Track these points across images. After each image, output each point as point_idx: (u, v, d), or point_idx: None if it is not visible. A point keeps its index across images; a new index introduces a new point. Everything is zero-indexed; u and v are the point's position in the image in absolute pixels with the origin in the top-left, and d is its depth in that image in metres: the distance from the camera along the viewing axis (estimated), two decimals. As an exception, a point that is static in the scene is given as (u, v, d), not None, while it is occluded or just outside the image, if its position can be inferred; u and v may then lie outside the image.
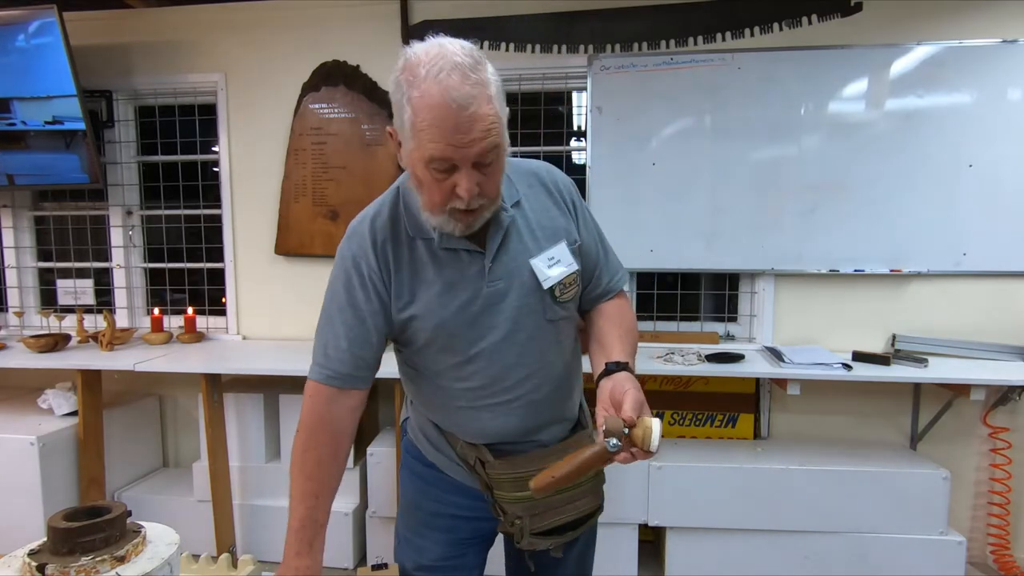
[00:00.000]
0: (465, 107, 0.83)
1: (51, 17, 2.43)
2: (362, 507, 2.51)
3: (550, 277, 1.03)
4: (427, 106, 0.84)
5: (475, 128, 0.85)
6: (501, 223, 1.01)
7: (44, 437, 2.32)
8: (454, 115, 0.83)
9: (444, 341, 1.03)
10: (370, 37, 2.67)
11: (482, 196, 0.91)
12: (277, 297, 2.85)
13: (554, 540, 1.07)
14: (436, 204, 0.92)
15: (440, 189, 0.90)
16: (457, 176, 0.88)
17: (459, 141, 0.85)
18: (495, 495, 1.07)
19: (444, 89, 0.83)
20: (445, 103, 0.83)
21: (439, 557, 1.17)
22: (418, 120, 0.85)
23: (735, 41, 2.46)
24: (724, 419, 2.60)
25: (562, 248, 1.05)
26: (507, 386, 1.05)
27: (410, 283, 1.02)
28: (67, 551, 0.76)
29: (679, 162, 2.51)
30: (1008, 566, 2.40)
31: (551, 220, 1.08)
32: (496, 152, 0.89)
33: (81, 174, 2.68)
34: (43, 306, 3.08)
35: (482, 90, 0.85)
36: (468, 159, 0.87)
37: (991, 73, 2.32)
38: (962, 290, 2.47)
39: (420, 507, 1.19)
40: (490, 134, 0.86)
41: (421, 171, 0.90)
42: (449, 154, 0.86)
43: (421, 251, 1.02)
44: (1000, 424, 2.39)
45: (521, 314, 1.03)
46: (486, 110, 0.85)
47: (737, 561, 2.26)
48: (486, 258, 1.01)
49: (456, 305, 1.01)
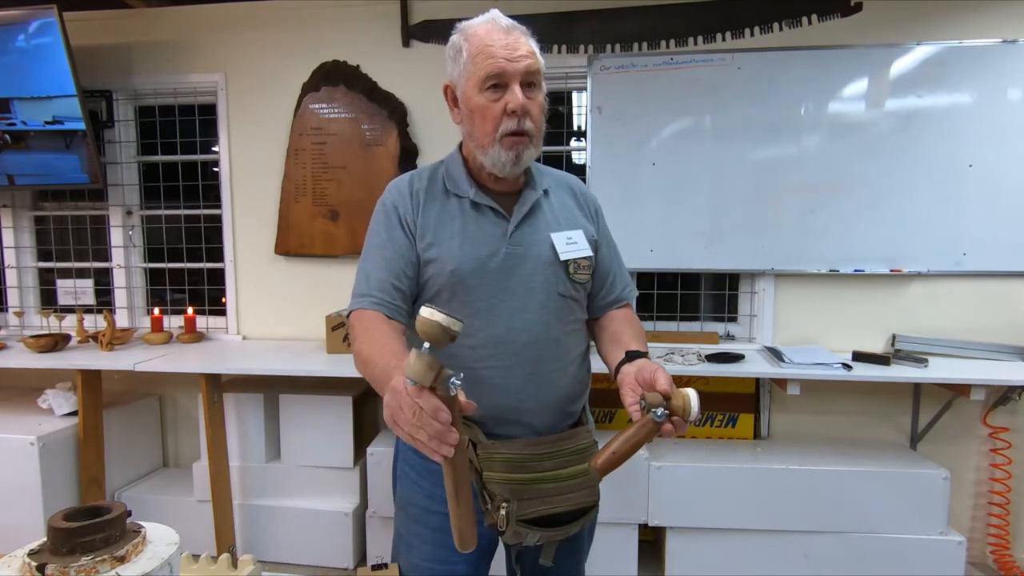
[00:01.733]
0: (510, 32, 1.05)
1: (51, 17, 2.43)
2: (362, 507, 2.51)
3: (567, 251, 1.13)
4: (480, 35, 1.05)
5: (520, 47, 1.04)
6: (528, 197, 1.14)
7: (44, 437, 2.32)
8: (503, 35, 1.04)
9: (457, 289, 1.08)
10: (370, 37, 2.67)
11: (528, 118, 1.05)
12: (277, 297, 2.85)
13: (542, 533, 1.03)
14: (488, 132, 1.06)
15: (493, 112, 1.04)
16: (508, 94, 1.04)
17: (509, 55, 1.03)
18: (484, 478, 1.04)
19: (494, 21, 1.07)
20: (495, 27, 1.05)
21: (429, 556, 1.15)
22: (473, 48, 1.04)
23: (735, 41, 2.46)
24: (724, 419, 2.60)
25: (580, 234, 1.16)
26: (512, 349, 1.09)
27: (435, 228, 1.11)
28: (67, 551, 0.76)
29: (679, 162, 2.51)
30: (1008, 566, 2.40)
31: (572, 214, 1.20)
32: (539, 78, 1.07)
33: (81, 174, 2.68)
34: (43, 306, 3.08)
35: (523, 32, 1.07)
36: (518, 73, 1.03)
37: (991, 73, 2.32)
38: (962, 290, 2.47)
39: (411, 502, 1.18)
40: (533, 56, 1.06)
41: (477, 97, 1.05)
42: (502, 67, 1.03)
43: (454, 207, 1.13)
44: (1000, 424, 2.39)
45: (535, 282, 1.10)
46: (526, 41, 1.06)
47: (737, 561, 2.26)
48: (511, 222, 1.11)
49: (475, 256, 1.09)
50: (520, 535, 1.03)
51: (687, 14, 2.48)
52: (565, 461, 1.07)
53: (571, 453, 1.08)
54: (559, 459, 1.07)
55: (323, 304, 2.66)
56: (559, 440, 1.09)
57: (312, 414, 2.49)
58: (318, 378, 2.46)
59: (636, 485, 2.25)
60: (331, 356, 2.46)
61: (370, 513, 2.43)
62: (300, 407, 2.50)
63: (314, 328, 2.72)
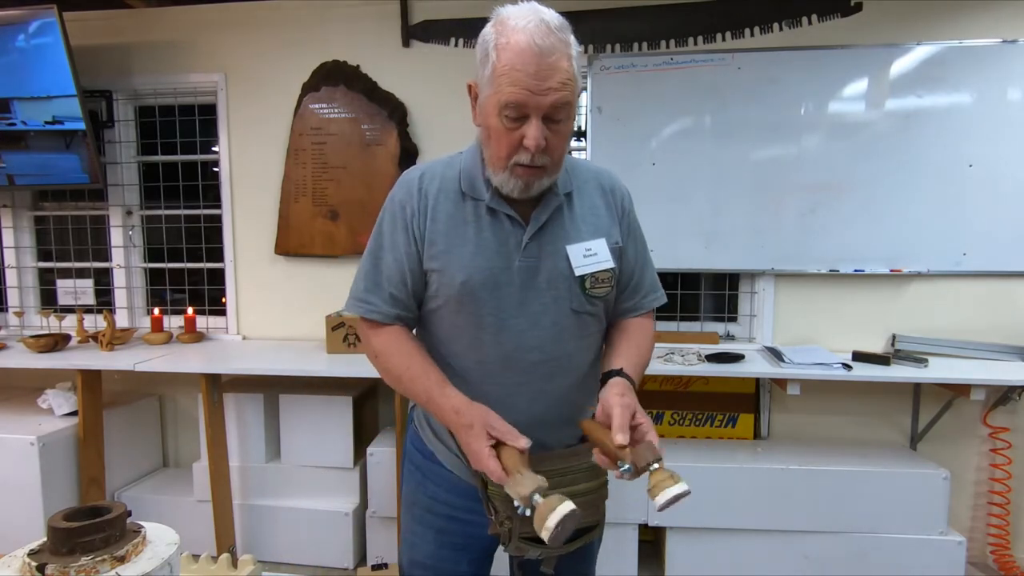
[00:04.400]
0: (547, 54, 0.89)
1: (51, 17, 2.43)
2: (362, 507, 2.51)
3: (583, 265, 1.05)
4: (511, 50, 0.90)
5: (553, 77, 0.90)
6: (548, 204, 1.04)
7: (44, 437, 2.32)
8: (535, 60, 0.89)
9: (466, 301, 1.03)
10: (370, 37, 2.67)
11: (546, 154, 0.95)
12: (277, 297, 2.85)
13: (544, 550, 1.01)
14: (501, 157, 0.96)
15: (508, 139, 0.94)
16: (527, 127, 0.92)
17: (536, 87, 0.89)
18: (489, 490, 1.03)
19: (530, 35, 0.89)
20: (529, 47, 0.88)
21: (431, 555, 1.15)
22: (500, 64, 0.90)
23: (735, 41, 2.46)
24: (724, 419, 2.60)
25: (601, 244, 1.07)
26: (521, 367, 1.04)
27: (447, 233, 1.03)
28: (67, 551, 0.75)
29: (679, 162, 2.51)
30: (1008, 566, 2.40)
31: (597, 218, 1.10)
32: (567, 111, 0.94)
33: (81, 174, 2.68)
34: (43, 306, 3.08)
35: (565, 47, 0.91)
36: (541, 108, 0.91)
37: (991, 73, 2.32)
38: (962, 290, 2.47)
39: (416, 502, 1.18)
40: (565, 87, 0.91)
41: (494, 119, 0.94)
42: (524, 99, 0.90)
43: (468, 210, 1.04)
44: (1000, 424, 2.39)
45: (548, 297, 1.04)
46: (565, 65, 0.91)
47: (737, 561, 2.26)
48: (526, 232, 1.03)
49: (487, 268, 1.02)
50: (522, 550, 1.01)
51: (687, 14, 2.48)
52: (572, 479, 1.03)
53: (579, 471, 1.04)
54: (566, 476, 1.03)
55: (323, 304, 2.66)
56: (568, 456, 1.05)
57: (312, 414, 2.49)
58: (318, 378, 2.46)
59: (636, 485, 2.24)
60: (331, 356, 2.46)
61: (370, 513, 2.43)
62: (300, 407, 2.50)
63: (314, 328, 2.72)
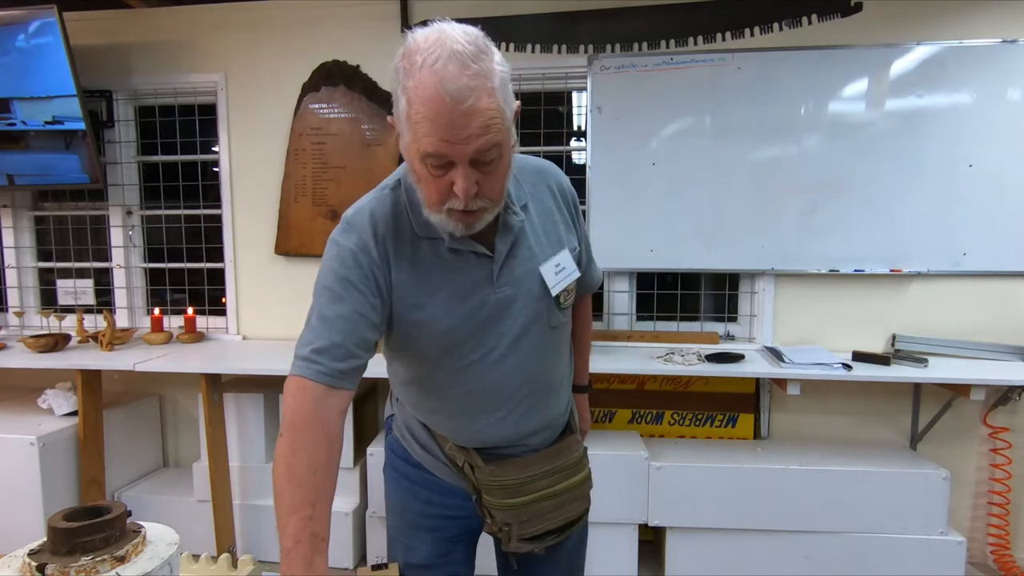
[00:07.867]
0: (461, 100, 0.77)
1: (51, 17, 2.43)
2: (362, 507, 2.51)
3: (557, 283, 1.01)
4: (421, 98, 0.78)
5: (472, 123, 0.78)
6: (512, 227, 0.97)
7: (44, 437, 2.32)
8: (448, 109, 0.77)
9: (448, 346, 0.99)
10: (370, 37, 2.67)
11: (482, 197, 0.85)
12: (277, 297, 2.85)
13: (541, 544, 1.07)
14: (434, 202, 0.87)
15: (437, 186, 0.84)
16: (454, 173, 0.82)
17: (454, 137, 0.78)
18: (484, 499, 1.06)
19: (439, 80, 0.76)
20: (439, 96, 0.76)
21: (428, 556, 1.15)
22: (412, 112, 0.79)
23: (735, 41, 2.46)
24: (724, 419, 2.60)
25: (566, 255, 1.04)
26: (504, 394, 1.03)
27: (416, 284, 0.96)
28: (67, 551, 0.76)
29: (679, 162, 2.51)
30: (1008, 566, 2.40)
31: (554, 225, 1.05)
32: (497, 150, 0.83)
33: (81, 174, 2.68)
34: (43, 306, 3.08)
35: (482, 82, 0.78)
36: (464, 156, 0.80)
37: (991, 73, 2.32)
38: (962, 290, 2.47)
39: (408, 508, 1.17)
40: (489, 131, 0.80)
41: (418, 166, 0.85)
42: (444, 150, 0.80)
43: (426, 251, 0.96)
44: (1000, 424, 2.39)
45: (527, 321, 1.01)
46: (485, 104, 0.79)
47: (737, 561, 2.26)
48: (495, 263, 0.97)
49: (464, 311, 0.97)
50: (522, 547, 1.06)
51: (687, 14, 2.48)
52: (560, 477, 1.08)
53: (564, 468, 1.09)
54: (554, 476, 1.08)
55: (323, 304, 2.65)
56: (553, 456, 1.09)
57: (312, 414, 2.49)
58: (318, 378, 2.45)
59: (636, 485, 2.25)
60: (331, 356, 2.46)
61: (370, 513, 2.43)
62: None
63: (314, 328, 2.72)
